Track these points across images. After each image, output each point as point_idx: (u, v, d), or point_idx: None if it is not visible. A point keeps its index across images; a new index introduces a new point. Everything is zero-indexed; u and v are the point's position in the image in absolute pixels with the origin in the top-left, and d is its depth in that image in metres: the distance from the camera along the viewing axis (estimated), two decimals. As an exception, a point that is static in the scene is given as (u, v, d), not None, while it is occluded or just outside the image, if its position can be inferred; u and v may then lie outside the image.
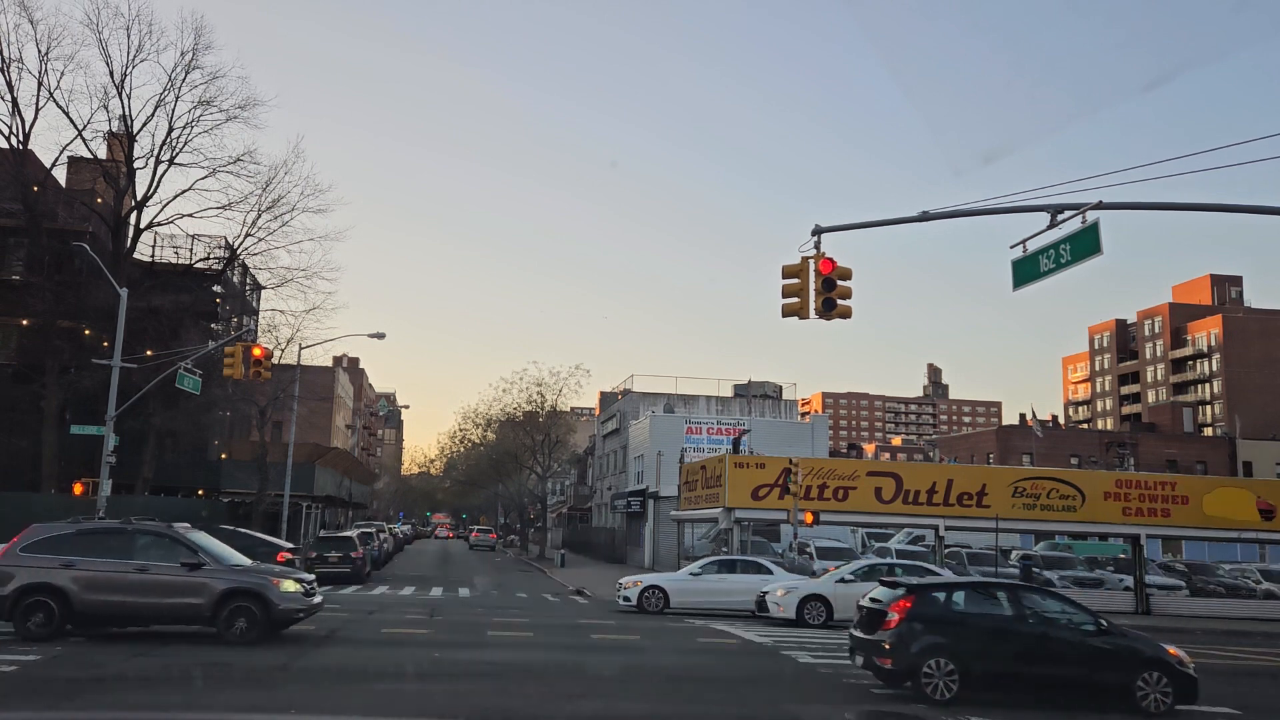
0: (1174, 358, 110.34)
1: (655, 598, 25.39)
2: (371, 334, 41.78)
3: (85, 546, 16.14)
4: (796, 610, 23.18)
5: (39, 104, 35.73)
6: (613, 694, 13.18)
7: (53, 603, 15.51)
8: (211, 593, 15.88)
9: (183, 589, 15.91)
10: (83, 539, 16.31)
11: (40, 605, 15.50)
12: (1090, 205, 14.32)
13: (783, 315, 16.10)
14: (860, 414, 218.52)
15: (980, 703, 12.77)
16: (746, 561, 27.48)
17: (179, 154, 37.91)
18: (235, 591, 15.98)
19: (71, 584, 15.62)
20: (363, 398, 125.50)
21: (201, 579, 16.00)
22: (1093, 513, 32.81)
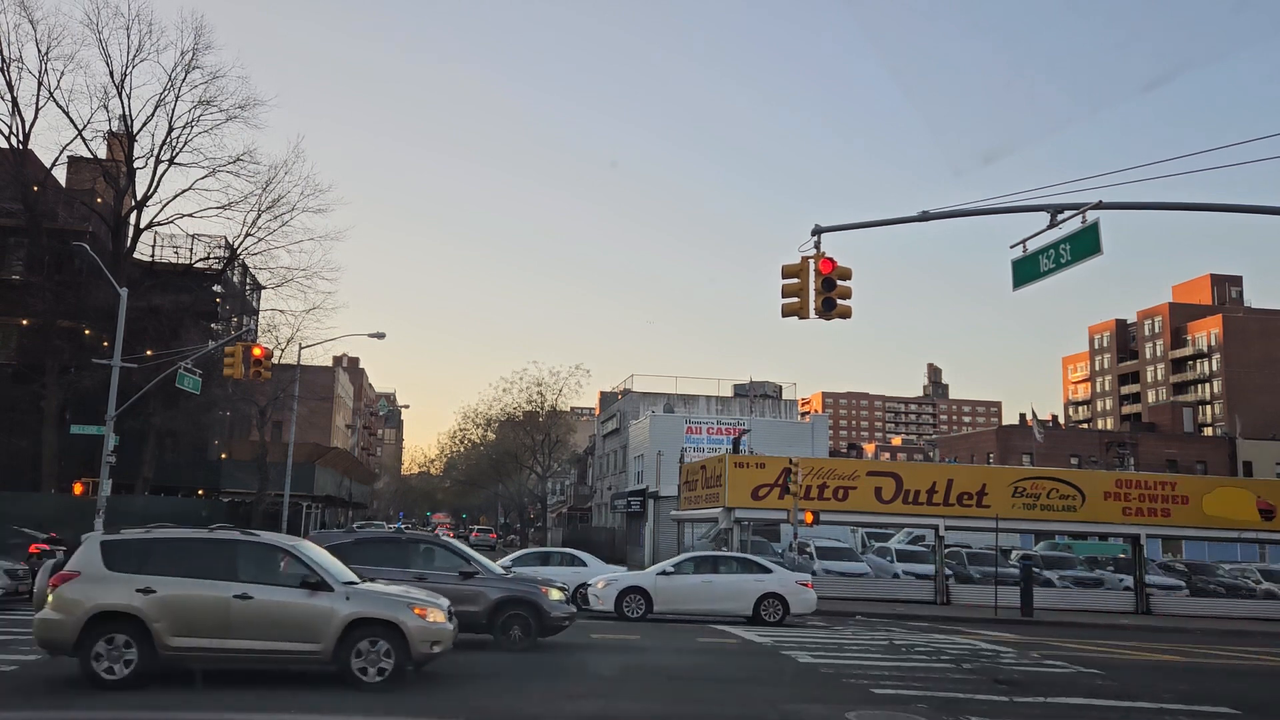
0: (1174, 358, 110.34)
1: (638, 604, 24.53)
2: (371, 334, 41.85)
3: (365, 555, 16.38)
4: (615, 603, 22.60)
5: (39, 104, 35.79)
6: (613, 693, 13.18)
7: None
8: (487, 601, 16.11)
9: (459, 597, 15.71)
10: (362, 548, 16.59)
11: None
12: (1090, 205, 14.32)
13: (783, 315, 16.10)
14: (860, 414, 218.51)
15: (981, 702, 12.78)
16: (563, 554, 27.10)
17: (179, 154, 37.98)
18: (510, 600, 16.16)
19: None
20: (363, 398, 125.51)
21: (477, 587, 16.29)
22: (1093, 513, 32.81)
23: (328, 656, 11.83)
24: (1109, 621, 28.34)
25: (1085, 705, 13.16)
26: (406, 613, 12.15)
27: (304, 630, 11.78)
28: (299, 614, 11.82)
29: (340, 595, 12.00)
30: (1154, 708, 13.08)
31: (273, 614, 11.77)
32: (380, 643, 11.90)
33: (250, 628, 11.68)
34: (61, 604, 11.56)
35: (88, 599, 11.55)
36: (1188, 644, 23.29)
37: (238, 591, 11.72)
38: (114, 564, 11.79)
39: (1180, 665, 18.69)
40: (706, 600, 22.98)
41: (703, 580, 23.04)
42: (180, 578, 11.78)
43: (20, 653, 13.74)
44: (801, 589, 23.18)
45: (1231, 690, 15.43)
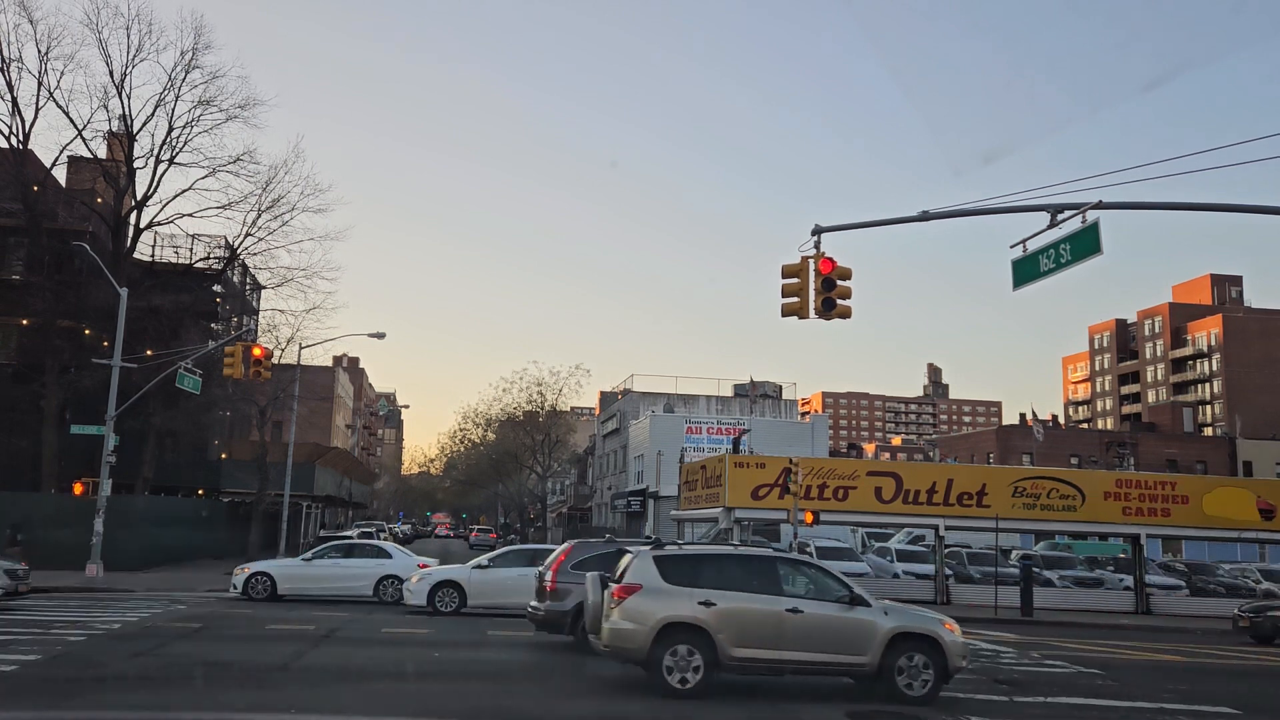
0: (1174, 358, 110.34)
1: (263, 585, 24.05)
2: (371, 334, 41.83)
3: None
4: (428, 597, 21.99)
5: (39, 104, 35.75)
6: (613, 693, 13.17)
7: None
8: None
9: None
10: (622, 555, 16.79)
11: None
12: (1090, 205, 14.32)
13: (783, 315, 16.10)
14: (860, 414, 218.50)
15: (981, 702, 12.78)
16: (365, 545, 26.50)
17: (179, 154, 37.94)
18: None
19: None
20: (363, 397, 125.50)
21: None
22: (1093, 513, 32.79)
23: (872, 670, 12.38)
24: (1109, 621, 28.34)
25: (1085, 705, 13.17)
26: (941, 628, 12.66)
27: (850, 643, 12.40)
28: (844, 628, 12.43)
29: (879, 610, 12.61)
30: (1154, 708, 13.08)
31: (821, 627, 12.40)
32: (917, 656, 12.34)
33: (802, 640, 12.33)
34: (632, 615, 12.16)
35: (656, 611, 12.14)
36: (1188, 644, 23.30)
37: (789, 605, 12.38)
38: (670, 578, 12.45)
39: (1180, 665, 18.69)
40: (525, 594, 21.50)
41: (519, 574, 21.99)
42: (734, 591, 12.42)
43: (20, 653, 13.74)
44: None
45: (1231, 690, 15.44)
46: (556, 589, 16.61)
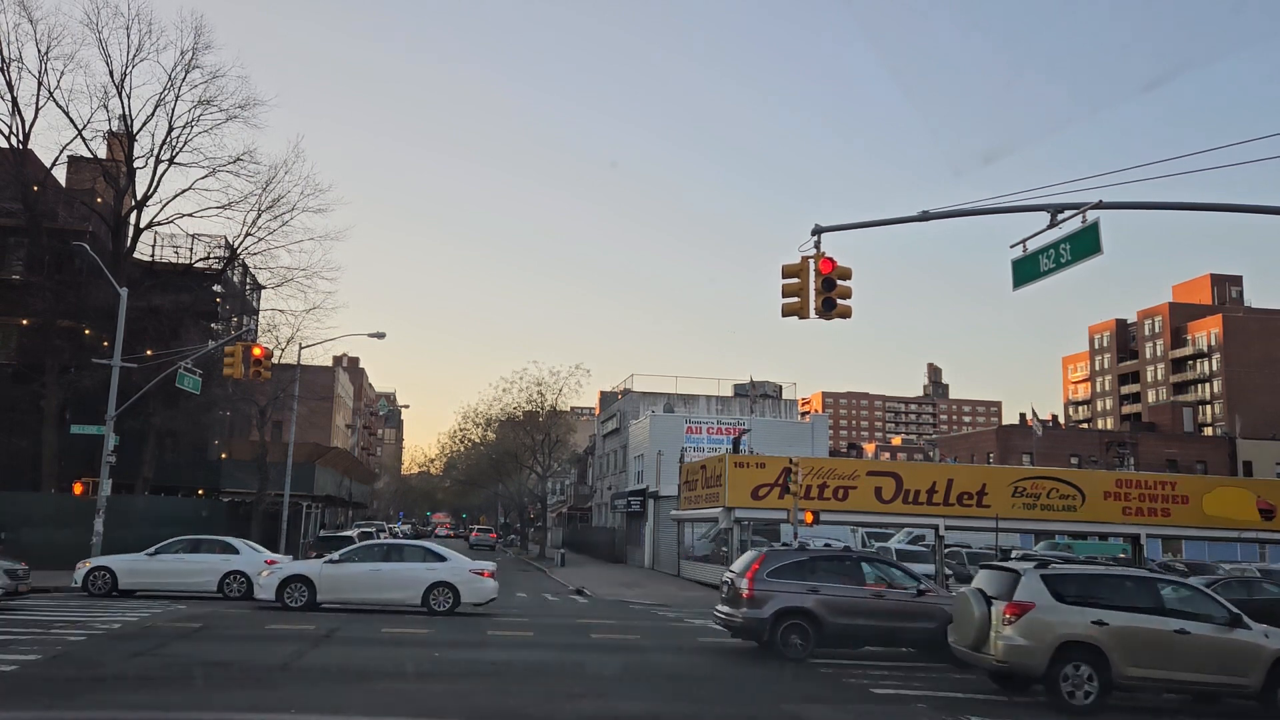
0: (1174, 357, 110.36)
1: (103, 579, 23.56)
2: (371, 334, 41.79)
3: (821, 572, 17.07)
4: (277, 592, 21.59)
5: (39, 104, 35.74)
6: (613, 693, 13.17)
7: (806, 625, 16.45)
8: (943, 617, 15.97)
9: (915, 614, 16.62)
10: (816, 564, 17.25)
11: (796, 628, 16.45)
12: (1090, 205, 14.32)
13: (783, 315, 16.11)
14: (860, 414, 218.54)
15: (981, 702, 12.77)
16: (212, 541, 25.81)
17: (179, 153, 37.92)
18: None
19: (819, 607, 16.48)
20: (363, 397, 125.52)
21: (932, 604, 16.73)
22: (1093, 512, 32.81)
23: (1255, 691, 12.74)
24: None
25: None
26: None
27: (1233, 665, 12.80)
28: (1228, 649, 12.86)
29: (1259, 632, 12.95)
30: (1154, 708, 13.08)
31: (1206, 648, 12.80)
32: None
33: (1189, 660, 12.75)
34: (1028, 632, 12.64)
35: (1052, 629, 12.63)
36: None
37: (1176, 626, 12.80)
38: (1060, 596, 12.94)
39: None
40: (374, 589, 21.91)
41: (371, 569, 22.00)
42: (1123, 611, 12.85)
43: (20, 653, 13.74)
44: (476, 578, 22.20)
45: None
46: (754, 596, 16.67)
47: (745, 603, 16.77)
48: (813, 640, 16.35)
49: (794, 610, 16.43)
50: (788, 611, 16.42)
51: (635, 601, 29.26)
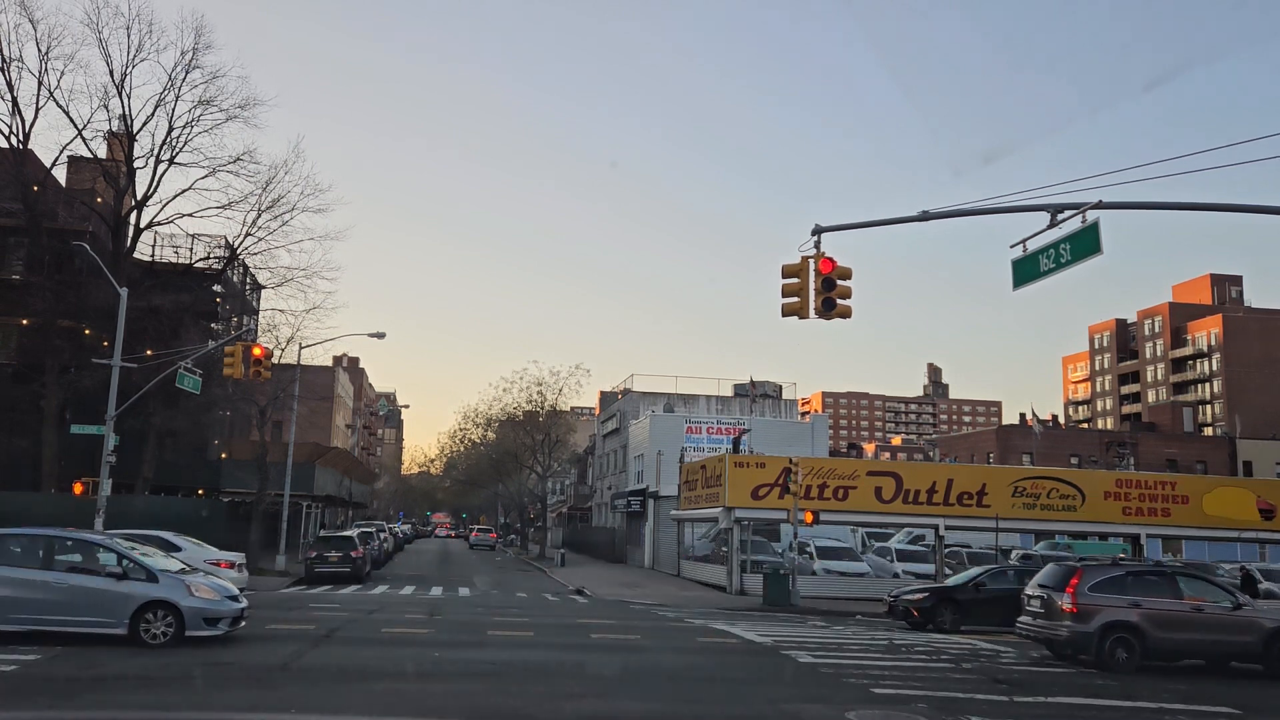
0: (1174, 357, 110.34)
1: None
2: (371, 334, 41.77)
3: (1138, 586, 17.28)
4: None
5: (39, 103, 35.72)
6: (613, 693, 13.17)
7: (1132, 639, 16.70)
8: (1260, 630, 16.76)
9: (1234, 627, 16.95)
10: (1133, 579, 17.43)
11: (1122, 641, 16.69)
12: (1090, 205, 14.31)
13: (783, 315, 16.10)
14: (860, 414, 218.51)
15: (981, 702, 12.78)
16: None
17: (179, 153, 37.90)
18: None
19: (1143, 621, 16.76)
20: (363, 397, 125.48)
21: (1249, 616, 17.10)
22: (1093, 512, 32.81)
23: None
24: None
25: (1085, 705, 13.17)
26: None
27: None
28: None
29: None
30: (1154, 707, 13.08)
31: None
32: None
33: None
34: None
35: None
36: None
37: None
38: None
39: (1180, 665, 18.68)
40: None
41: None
42: None
43: (20, 653, 13.73)
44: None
45: (1232, 690, 15.43)
46: (1079, 611, 16.81)
47: (1068, 617, 16.92)
48: (1138, 654, 16.58)
49: (1120, 624, 16.68)
50: (1114, 626, 16.67)
51: (635, 601, 29.26)
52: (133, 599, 14.86)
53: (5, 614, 14.66)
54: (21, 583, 14.78)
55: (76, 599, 14.82)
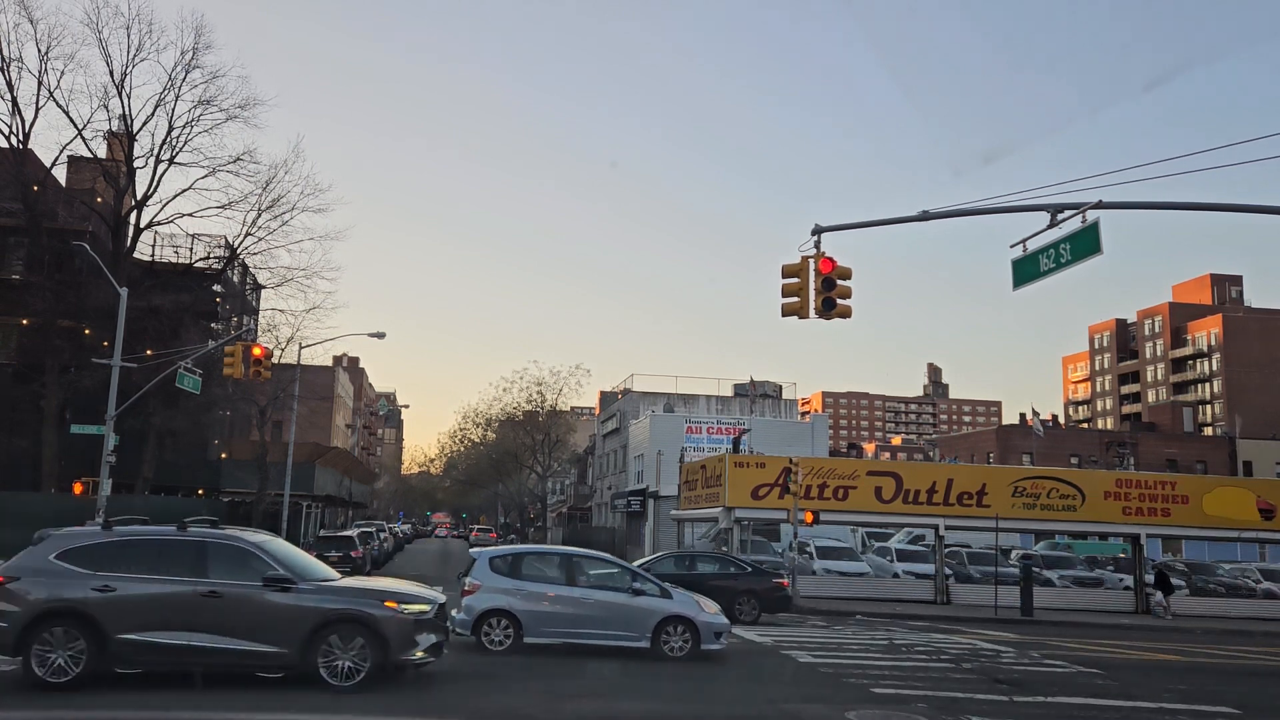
0: (1174, 357, 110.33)
1: None
2: (371, 334, 41.79)
3: None
4: None
5: (39, 103, 35.69)
6: (613, 693, 13.17)
7: None
8: None
9: None
10: None
11: None
12: (1090, 205, 14.31)
13: (783, 315, 16.10)
14: (860, 414, 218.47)
15: (981, 702, 12.78)
16: None
17: (179, 153, 37.87)
18: None
19: None
20: (363, 397, 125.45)
21: None
22: (1093, 512, 32.80)
23: None
24: (1109, 621, 28.35)
25: (1085, 705, 13.17)
26: None
27: None
28: None
29: None
30: (1154, 707, 13.08)
31: None
32: None
33: None
34: None
35: None
36: (1188, 644, 23.30)
37: None
38: None
39: (1180, 665, 18.69)
40: None
41: None
42: None
43: (20, 652, 13.71)
44: None
45: (1232, 690, 15.43)
46: None
47: None
48: None
49: None
50: None
51: (635, 601, 29.21)
52: (654, 614, 15.87)
53: (539, 628, 15.74)
54: (555, 598, 15.95)
55: (604, 614, 15.89)
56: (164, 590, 11.83)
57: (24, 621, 11.45)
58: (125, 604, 11.68)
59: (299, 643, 11.74)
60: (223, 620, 11.74)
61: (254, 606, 11.88)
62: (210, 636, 11.68)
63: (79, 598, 11.59)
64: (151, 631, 11.62)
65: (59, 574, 11.78)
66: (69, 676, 11.35)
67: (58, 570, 11.83)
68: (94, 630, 11.48)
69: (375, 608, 12.12)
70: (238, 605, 11.82)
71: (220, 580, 11.94)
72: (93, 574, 11.78)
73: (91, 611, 11.53)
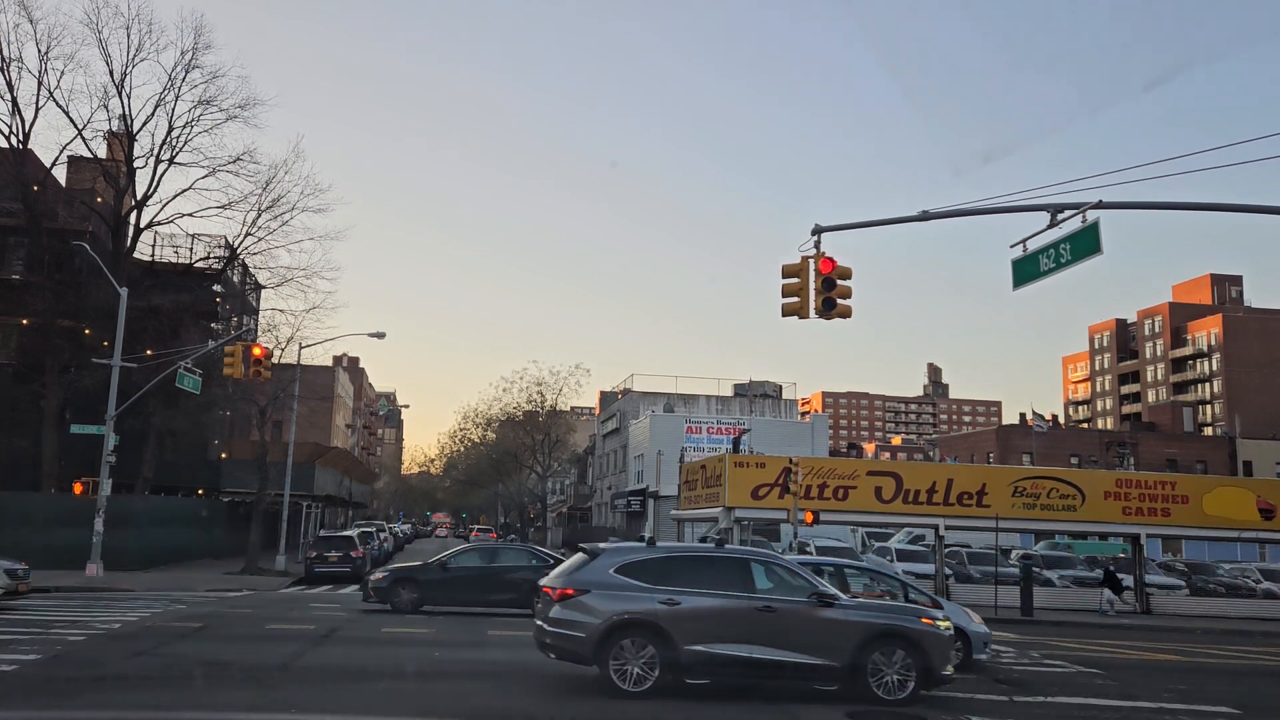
0: (1174, 357, 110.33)
1: None
2: (371, 334, 41.80)
3: None
4: None
5: (39, 103, 35.74)
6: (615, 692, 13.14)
7: None
8: None
9: None
10: None
11: None
12: (1090, 205, 14.31)
13: (783, 315, 16.10)
14: (860, 414, 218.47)
15: (981, 702, 12.77)
16: None
17: (179, 153, 37.93)
18: None
19: None
20: (363, 397, 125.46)
21: None
22: (1093, 512, 32.77)
23: None
24: (1109, 621, 28.35)
25: (1085, 705, 13.16)
26: None
27: None
28: None
29: None
30: (1154, 707, 13.08)
31: None
32: None
33: None
34: None
35: None
36: (1188, 644, 23.29)
37: None
38: None
39: (1180, 665, 18.68)
40: None
41: None
42: None
43: (20, 652, 13.74)
44: None
45: (1232, 690, 15.43)
46: None
47: None
48: None
49: None
50: None
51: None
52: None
53: None
54: None
55: None
56: (723, 604, 12.23)
57: (601, 632, 11.93)
58: (690, 616, 12.11)
59: (848, 657, 12.07)
60: (778, 634, 12.14)
61: (807, 621, 12.27)
62: (768, 650, 12.08)
63: (649, 609, 12.07)
64: (715, 643, 12.04)
65: (623, 588, 12.27)
66: (647, 685, 11.85)
67: (620, 584, 12.31)
68: (665, 641, 11.92)
69: (914, 623, 12.42)
70: (792, 620, 12.24)
71: (771, 595, 12.39)
72: (654, 588, 12.22)
73: (661, 623, 11.99)
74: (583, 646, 11.95)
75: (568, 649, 12.20)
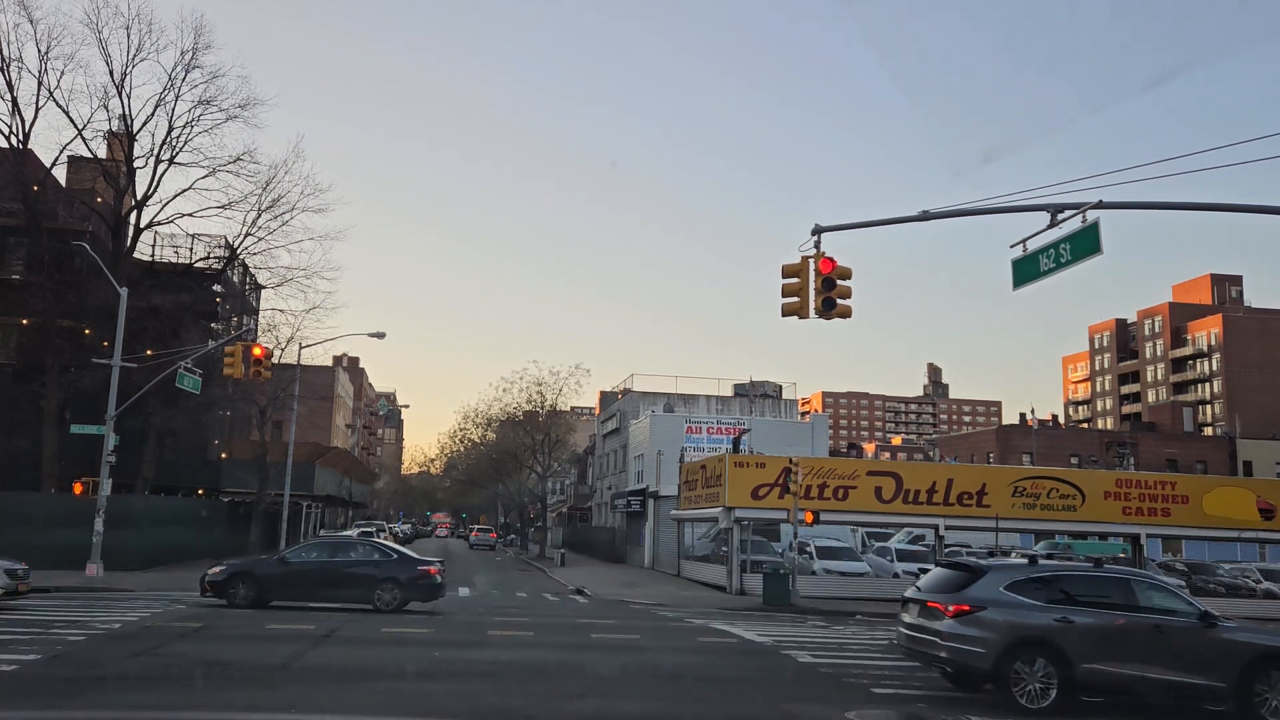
0: (1174, 357, 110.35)
1: None
2: (371, 334, 41.83)
3: None
4: None
5: (39, 103, 35.69)
6: (613, 693, 13.16)
7: None
8: None
9: None
10: None
11: None
12: (1090, 205, 14.32)
13: (783, 315, 16.11)
14: (860, 414, 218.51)
15: (982, 702, 12.78)
16: None
17: (179, 153, 37.89)
18: None
19: None
20: (363, 397, 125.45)
21: None
22: (1093, 512, 32.79)
23: None
24: (1109, 621, 28.34)
25: (1085, 704, 13.16)
26: None
27: None
28: None
29: None
30: (1154, 706, 13.08)
31: None
32: None
33: None
34: None
35: None
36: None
37: None
38: None
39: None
40: None
41: None
42: None
43: (20, 652, 13.74)
44: None
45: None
46: None
47: None
48: None
49: None
50: None
51: (635, 601, 29.26)
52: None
53: None
54: None
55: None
56: (1115, 623, 12.37)
57: (1001, 647, 12.10)
58: (1084, 634, 12.22)
59: (1234, 679, 12.08)
60: (1168, 654, 12.22)
61: (1197, 641, 12.35)
62: (1159, 669, 12.17)
63: (1044, 626, 12.24)
64: (1109, 662, 12.16)
65: (1016, 605, 12.44)
66: (1047, 703, 11.97)
67: (1014, 601, 12.48)
68: (1061, 659, 12.06)
69: None
70: (1182, 640, 12.33)
71: (1160, 615, 12.55)
72: (1047, 605, 12.43)
73: (1058, 641, 12.15)
74: (983, 662, 12.16)
75: (966, 664, 12.40)
